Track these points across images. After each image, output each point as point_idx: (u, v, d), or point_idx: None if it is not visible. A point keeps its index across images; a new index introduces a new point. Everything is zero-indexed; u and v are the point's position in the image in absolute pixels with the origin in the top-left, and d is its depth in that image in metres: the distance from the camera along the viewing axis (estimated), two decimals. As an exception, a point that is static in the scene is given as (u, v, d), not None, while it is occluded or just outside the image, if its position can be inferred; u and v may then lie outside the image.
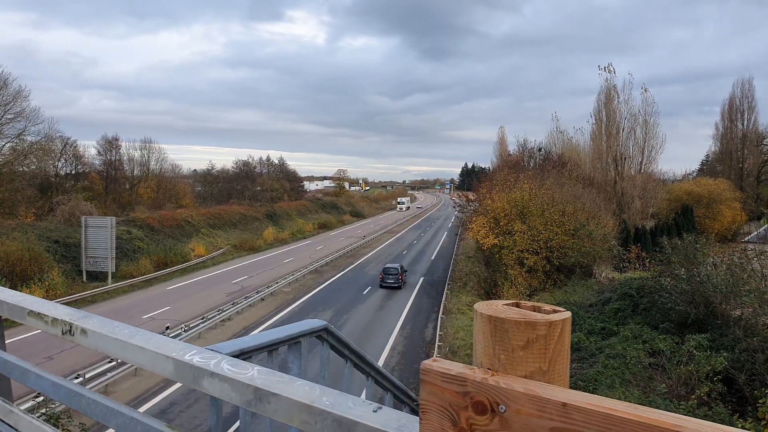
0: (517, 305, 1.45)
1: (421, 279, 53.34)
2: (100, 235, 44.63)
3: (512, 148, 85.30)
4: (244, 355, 2.90)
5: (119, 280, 45.05)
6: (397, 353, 30.94)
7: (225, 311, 35.69)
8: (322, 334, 3.93)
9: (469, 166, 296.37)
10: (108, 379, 23.28)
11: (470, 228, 48.15)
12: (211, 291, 43.76)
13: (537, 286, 40.60)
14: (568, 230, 41.14)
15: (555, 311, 1.42)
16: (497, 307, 1.43)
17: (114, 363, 24.10)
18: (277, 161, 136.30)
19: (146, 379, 24.86)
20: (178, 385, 23.83)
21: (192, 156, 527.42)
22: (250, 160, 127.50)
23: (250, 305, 39.23)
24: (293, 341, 3.43)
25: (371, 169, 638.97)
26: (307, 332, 3.57)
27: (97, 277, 44.78)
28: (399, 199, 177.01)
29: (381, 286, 48.92)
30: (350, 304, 41.75)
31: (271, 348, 3.20)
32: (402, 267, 50.85)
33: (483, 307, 1.43)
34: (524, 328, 1.35)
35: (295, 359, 3.43)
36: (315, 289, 47.07)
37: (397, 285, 48.44)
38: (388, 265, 50.90)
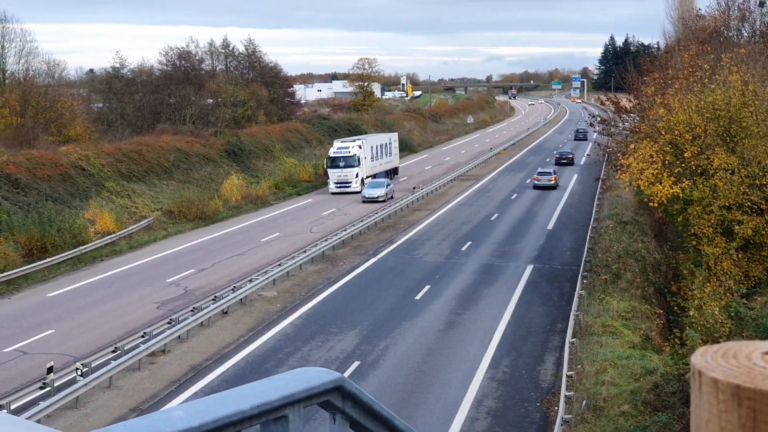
0: None
1: (529, 268, 33.03)
2: None
3: (705, 2, 50.82)
4: None
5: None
6: (485, 413, 19.10)
7: (155, 336, 22.83)
8: (330, 399, 2.11)
9: (618, 43, 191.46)
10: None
11: (624, 165, 28.08)
12: (128, 298, 29.15)
13: (761, 277, 23.95)
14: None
15: None
16: (751, 363, 0.71)
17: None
18: (243, 48, 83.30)
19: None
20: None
21: (84, 44, 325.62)
22: (193, 47, 77.28)
23: (201, 324, 25.36)
24: (272, 415, 1.89)
25: (423, 56, 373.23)
26: (302, 395, 1.94)
27: None
28: (337, 147, 55.72)
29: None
30: (391, 319, 26.11)
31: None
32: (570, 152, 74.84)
33: (713, 360, 0.71)
34: None
35: None
36: (322, 292, 29.98)
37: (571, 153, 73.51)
38: (561, 150, 76.83)
